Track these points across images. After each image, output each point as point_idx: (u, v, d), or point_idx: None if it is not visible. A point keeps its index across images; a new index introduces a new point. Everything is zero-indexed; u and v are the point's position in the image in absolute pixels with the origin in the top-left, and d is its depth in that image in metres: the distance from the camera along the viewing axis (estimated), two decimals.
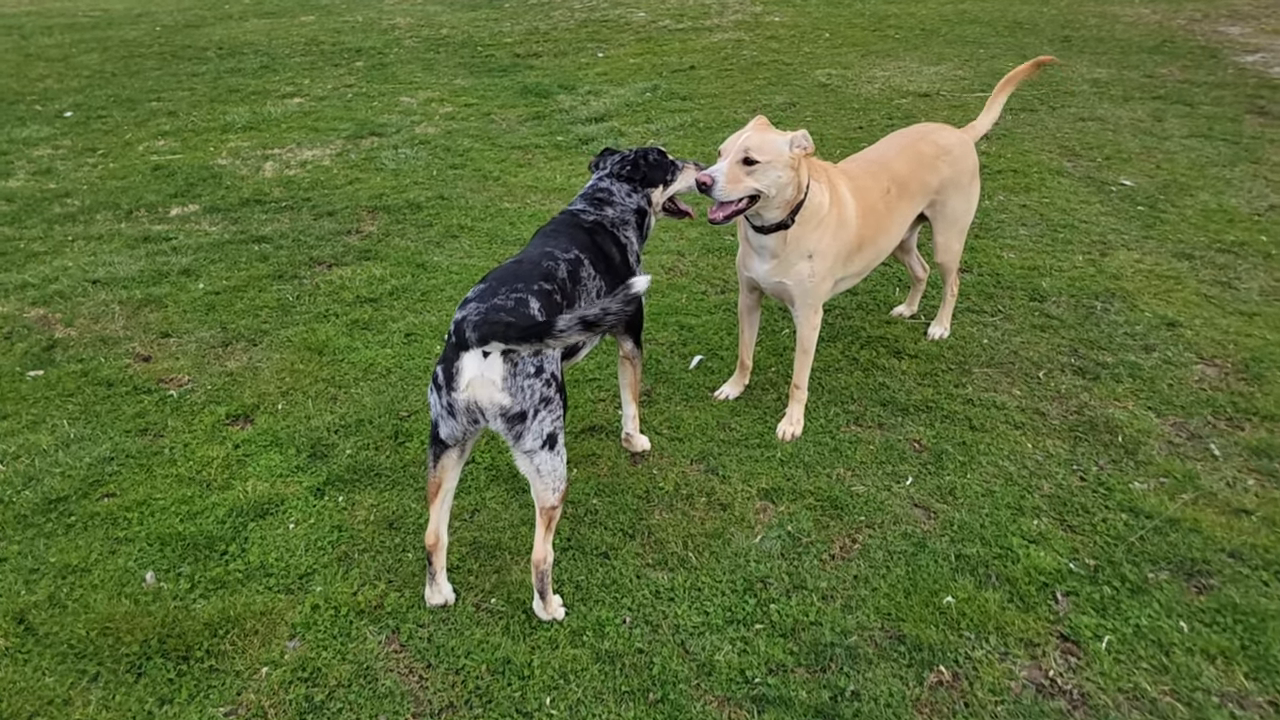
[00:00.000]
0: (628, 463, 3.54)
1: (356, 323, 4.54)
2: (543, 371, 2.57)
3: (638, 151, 3.37)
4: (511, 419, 2.55)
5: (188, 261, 5.18)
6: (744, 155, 3.21)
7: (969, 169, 3.92)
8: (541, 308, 2.65)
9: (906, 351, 4.18)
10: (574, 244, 3.03)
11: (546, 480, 2.66)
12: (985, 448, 3.54)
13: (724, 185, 3.20)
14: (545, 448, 2.62)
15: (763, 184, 3.23)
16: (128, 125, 7.90)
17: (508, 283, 2.69)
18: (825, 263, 3.48)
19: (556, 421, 2.63)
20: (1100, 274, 4.76)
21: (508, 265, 2.87)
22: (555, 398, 2.61)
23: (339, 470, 3.46)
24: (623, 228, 3.26)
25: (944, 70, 8.69)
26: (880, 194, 3.67)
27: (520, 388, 2.53)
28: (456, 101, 8.40)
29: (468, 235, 5.57)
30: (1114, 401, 3.79)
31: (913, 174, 3.78)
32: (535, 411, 2.56)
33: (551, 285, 2.77)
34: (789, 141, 3.25)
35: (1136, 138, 6.69)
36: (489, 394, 2.52)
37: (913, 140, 3.88)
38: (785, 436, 3.66)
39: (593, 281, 3.00)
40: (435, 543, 2.79)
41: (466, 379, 2.53)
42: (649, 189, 3.35)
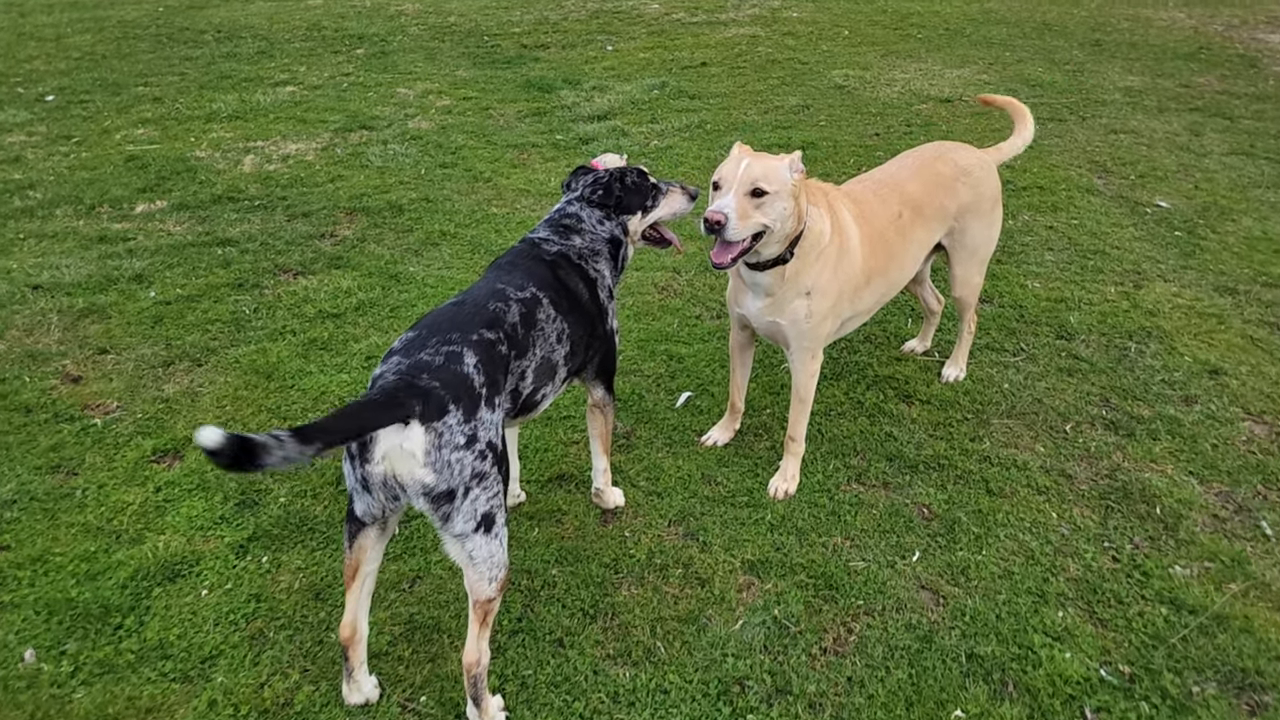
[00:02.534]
0: (597, 522, 3.08)
1: (314, 342, 4.09)
2: (475, 441, 2.11)
3: (614, 173, 2.88)
4: (437, 498, 2.09)
5: (142, 266, 4.74)
6: (753, 186, 2.73)
7: (990, 194, 3.42)
8: (480, 363, 2.19)
9: (917, 395, 3.68)
10: (532, 280, 2.56)
11: (481, 569, 2.20)
12: (1004, 517, 3.05)
13: (737, 223, 2.71)
14: (479, 531, 2.16)
15: (770, 218, 2.76)
16: (109, 111, 7.46)
17: (440, 332, 2.23)
18: (826, 301, 2.99)
19: (494, 499, 2.18)
20: (1134, 309, 4.24)
21: (446, 308, 2.41)
22: (491, 472, 2.15)
23: (268, 523, 3.02)
24: (592, 259, 2.78)
25: (967, 74, 8.12)
26: (890, 219, 3.17)
27: (446, 462, 2.07)
28: (455, 94, 7.90)
29: (449, 243, 5.10)
30: (1150, 464, 3.29)
31: (928, 196, 3.28)
32: (466, 489, 2.11)
33: (496, 334, 2.31)
34: (788, 166, 2.77)
35: (1172, 153, 6.13)
36: (409, 468, 2.07)
37: (928, 159, 3.37)
38: (778, 494, 3.18)
39: (552, 325, 2.54)
40: (351, 635, 2.34)
41: (382, 450, 2.07)
42: (626, 216, 2.88)
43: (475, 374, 2.15)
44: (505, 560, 2.25)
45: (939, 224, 3.33)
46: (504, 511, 2.23)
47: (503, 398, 2.27)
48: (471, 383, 2.14)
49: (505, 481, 2.26)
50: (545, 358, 2.52)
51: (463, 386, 2.11)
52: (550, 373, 2.55)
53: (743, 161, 2.78)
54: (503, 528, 2.23)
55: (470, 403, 2.12)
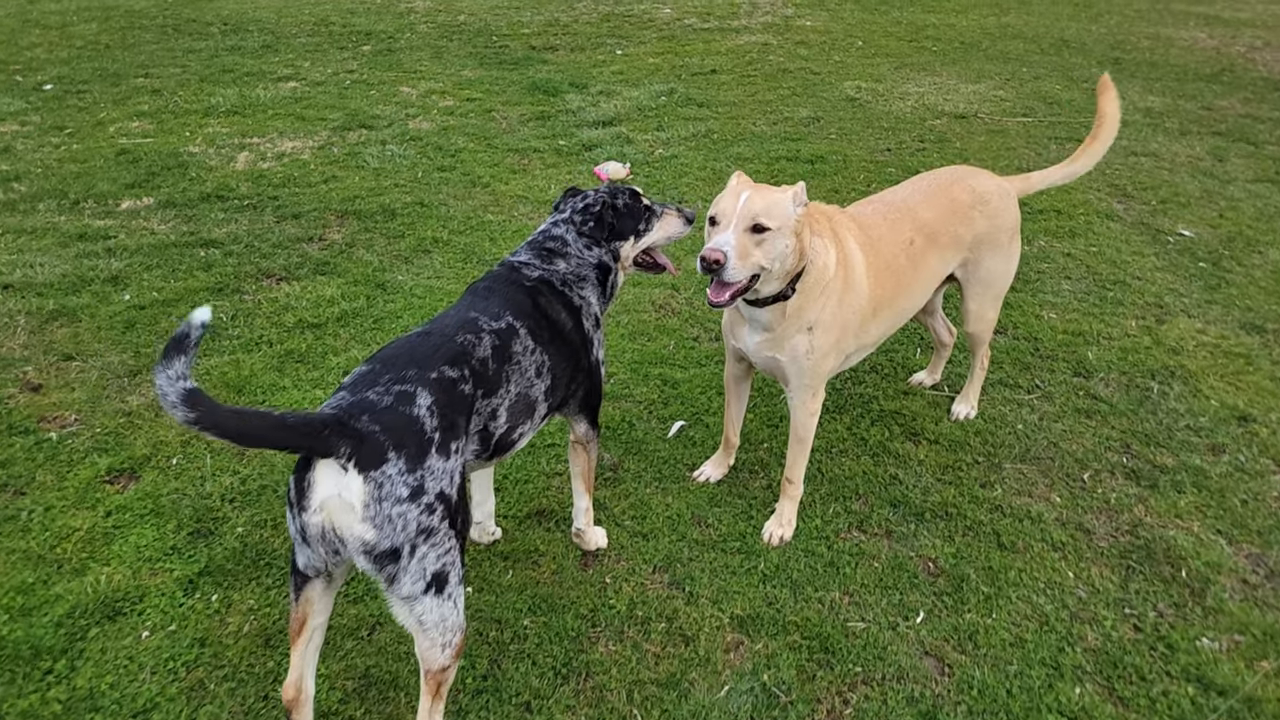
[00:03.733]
0: (576, 565, 2.83)
1: (291, 354, 3.84)
2: (421, 493, 1.86)
3: (604, 197, 2.62)
4: (379, 557, 1.85)
5: (119, 266, 4.50)
6: (753, 221, 2.47)
7: (1009, 225, 3.15)
8: (434, 405, 1.94)
9: (925, 434, 3.42)
10: (509, 308, 2.32)
11: (432, 635, 1.96)
12: (1016, 575, 2.78)
13: (736, 262, 2.45)
14: (430, 592, 1.92)
15: (770, 256, 2.50)
16: (105, 103, 7.23)
17: (396, 367, 1.99)
18: (829, 336, 2.73)
19: (446, 556, 1.93)
20: (1157, 346, 3.97)
21: (410, 337, 2.16)
22: (441, 527, 1.90)
23: (221, 556, 2.77)
24: (578, 285, 2.53)
25: (983, 89, 7.84)
26: (901, 246, 2.90)
27: (387, 517, 1.83)
28: (459, 95, 7.66)
29: (441, 250, 4.85)
30: (1175, 520, 3.02)
31: (942, 223, 3.01)
32: (412, 548, 1.86)
33: (460, 370, 2.06)
34: (792, 199, 2.51)
35: (1195, 179, 5.85)
36: (347, 522, 1.83)
37: (944, 184, 3.10)
38: (773, 540, 2.93)
39: (530, 357, 2.29)
40: (296, 697, 2.09)
41: (319, 498, 1.83)
42: (618, 242, 2.62)
43: (427, 417, 1.91)
44: (460, 623, 2.00)
45: (953, 253, 3.07)
46: (459, 569, 1.98)
47: (464, 441, 2.03)
48: (421, 427, 1.90)
49: (464, 534, 2.01)
50: (522, 394, 2.28)
51: (408, 431, 1.87)
52: (528, 410, 2.31)
53: (743, 195, 2.51)
54: (458, 587, 1.98)
55: (417, 449, 1.87)
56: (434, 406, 1.94)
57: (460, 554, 1.98)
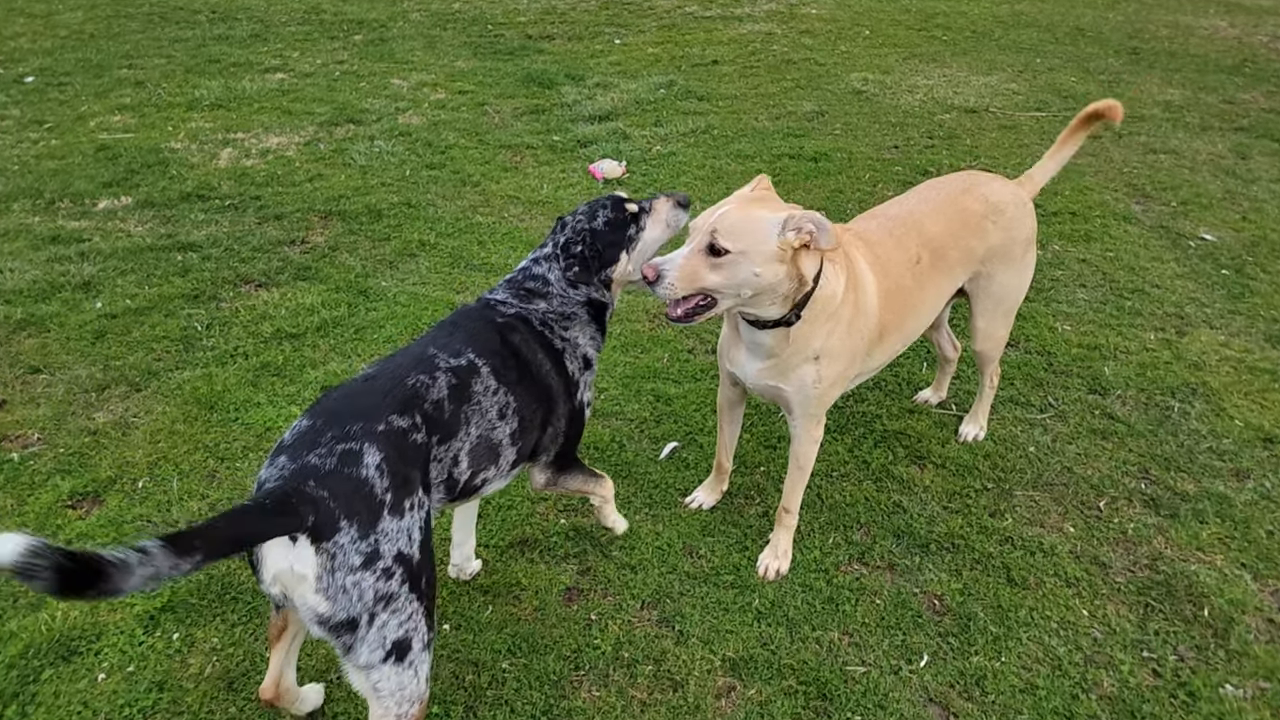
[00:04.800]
0: (560, 599, 2.71)
1: (267, 367, 3.72)
2: (377, 559, 1.74)
3: (583, 225, 2.42)
4: (335, 628, 1.74)
5: (92, 272, 4.38)
6: (712, 242, 2.26)
7: (1025, 236, 2.97)
8: (385, 462, 1.81)
9: (931, 457, 3.28)
10: (473, 345, 2.17)
11: (386, 703, 1.84)
12: (1027, 614, 2.65)
13: (674, 281, 2.26)
14: (389, 661, 1.80)
15: (730, 281, 2.28)
16: (87, 95, 7.09)
17: (339, 422, 1.84)
18: (836, 365, 2.58)
19: (409, 622, 1.81)
20: (1177, 360, 3.82)
21: (356, 382, 2.03)
22: (401, 591, 1.78)
23: (185, 590, 2.65)
24: (561, 325, 2.37)
25: (995, 82, 7.65)
26: (907, 265, 2.75)
27: (341, 588, 1.71)
28: (451, 87, 7.50)
29: (428, 254, 4.72)
30: (1197, 553, 2.88)
31: (952, 238, 2.84)
32: (370, 616, 1.75)
33: (411, 418, 1.93)
34: (779, 224, 2.27)
35: (1217, 178, 5.67)
36: (301, 593, 1.72)
37: (954, 193, 2.92)
38: (768, 573, 2.80)
39: (492, 398, 2.14)
40: (275, 695, 2.10)
41: (272, 572, 1.72)
42: (608, 269, 2.43)
43: (376, 478, 1.78)
44: (420, 693, 1.88)
45: (963, 269, 2.91)
46: (425, 633, 1.86)
47: (420, 496, 1.90)
48: (370, 489, 1.77)
49: (430, 593, 1.90)
50: (483, 437, 2.14)
51: (358, 496, 1.75)
52: (491, 454, 2.17)
53: (720, 209, 2.32)
54: (422, 653, 1.86)
55: (369, 514, 1.75)
56: (383, 465, 1.80)
57: (426, 616, 1.86)
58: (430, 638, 1.89)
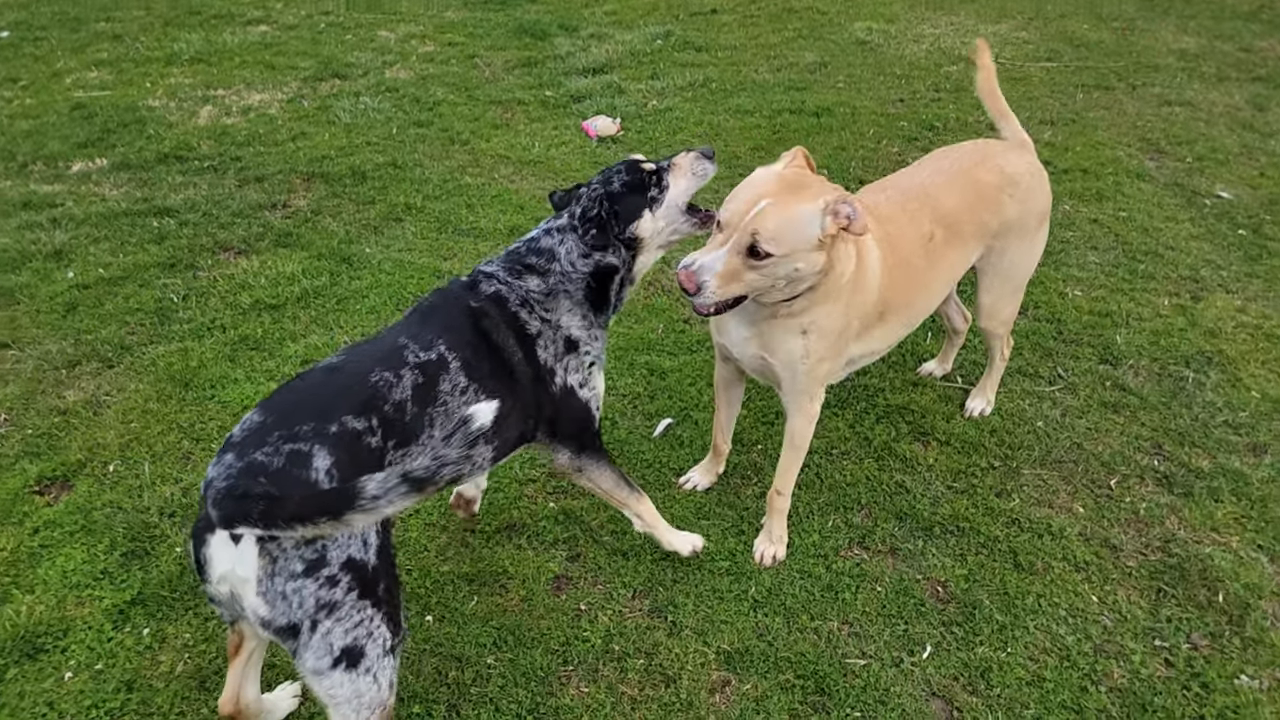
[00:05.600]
0: (548, 589, 2.57)
1: (245, 340, 3.53)
2: (322, 566, 1.62)
3: (598, 191, 2.22)
4: (279, 632, 1.64)
5: (65, 239, 4.16)
6: (753, 244, 2.09)
7: (1040, 209, 2.75)
8: (334, 467, 1.67)
9: (935, 433, 3.11)
10: (445, 336, 2.00)
11: (344, 710, 1.73)
12: (1034, 601, 2.51)
13: (715, 288, 2.11)
14: (339, 667, 1.69)
15: (769, 280, 2.14)
16: (63, 51, 6.76)
17: (291, 418, 1.70)
18: (826, 341, 2.40)
19: (359, 629, 1.69)
20: (1192, 327, 3.62)
21: (315, 374, 1.88)
22: (347, 599, 1.66)
23: (156, 582, 2.51)
24: (543, 305, 2.18)
25: (1004, 30, 7.28)
26: (919, 242, 2.54)
27: (280, 594, 1.61)
28: (440, 39, 7.15)
29: (414, 218, 4.49)
30: (1211, 534, 2.73)
31: (967, 212, 2.62)
32: (312, 624, 1.64)
33: (368, 420, 1.77)
34: (818, 214, 2.09)
35: (1234, 132, 5.39)
36: (245, 594, 1.62)
37: (969, 164, 2.68)
38: (765, 560, 2.65)
39: (459, 397, 1.97)
40: (234, 712, 1.99)
41: (219, 571, 1.61)
42: (632, 226, 2.22)
43: (325, 482, 1.65)
44: (381, 699, 1.76)
45: (976, 244, 2.69)
46: (382, 640, 1.73)
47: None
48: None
49: (391, 600, 1.76)
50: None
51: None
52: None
53: (760, 204, 2.10)
54: (381, 659, 1.73)
55: None
56: (334, 469, 1.67)
57: (386, 622, 1.73)
58: (394, 643, 1.77)
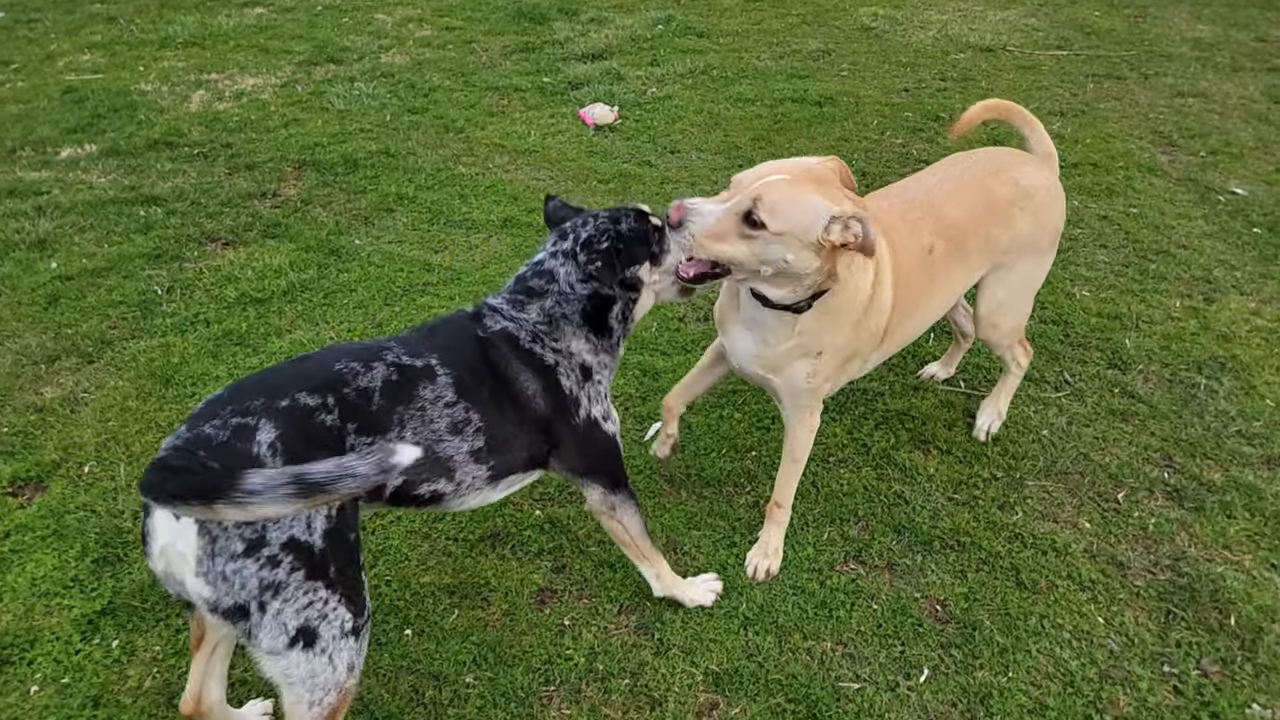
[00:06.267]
0: (531, 602, 2.45)
1: (229, 335, 3.40)
2: (262, 545, 1.56)
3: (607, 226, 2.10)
4: (226, 614, 1.59)
5: (49, 228, 4.03)
6: (748, 208, 1.96)
7: (1053, 227, 2.56)
8: (281, 440, 1.61)
9: (936, 441, 2.98)
10: (441, 354, 1.93)
11: (298, 690, 1.66)
12: (1037, 623, 2.39)
13: (698, 233, 1.98)
14: (295, 647, 1.62)
15: (754, 257, 1.99)
16: (57, 33, 6.60)
17: (245, 396, 1.67)
18: (835, 362, 2.26)
19: (309, 610, 1.63)
20: (1204, 331, 3.47)
21: (285, 362, 1.89)
22: (292, 580, 1.59)
23: (127, 590, 2.40)
24: (551, 335, 2.06)
25: (1013, 16, 7.05)
26: (918, 255, 2.37)
27: (220, 574, 1.55)
28: (438, 23, 6.96)
29: (405, 209, 4.34)
30: (1223, 551, 2.60)
31: (974, 224, 2.44)
32: (260, 604, 1.57)
33: (323, 398, 1.71)
34: (829, 215, 1.94)
35: (1249, 125, 5.19)
36: (184, 574, 1.57)
37: (981, 174, 2.49)
38: (757, 574, 2.53)
39: (442, 409, 1.87)
40: (195, 710, 1.92)
41: (159, 545, 1.60)
42: (632, 268, 2.11)
43: (267, 456, 1.59)
44: (338, 681, 1.68)
45: (981, 260, 2.51)
46: (341, 621, 1.67)
47: None
48: (260, 467, 1.58)
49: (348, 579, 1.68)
50: (426, 448, 1.87)
51: None
52: (440, 469, 1.91)
53: (772, 176, 1.98)
54: (339, 641, 1.67)
55: None
56: (278, 442, 1.61)
57: (343, 603, 1.66)
58: (356, 624, 1.70)
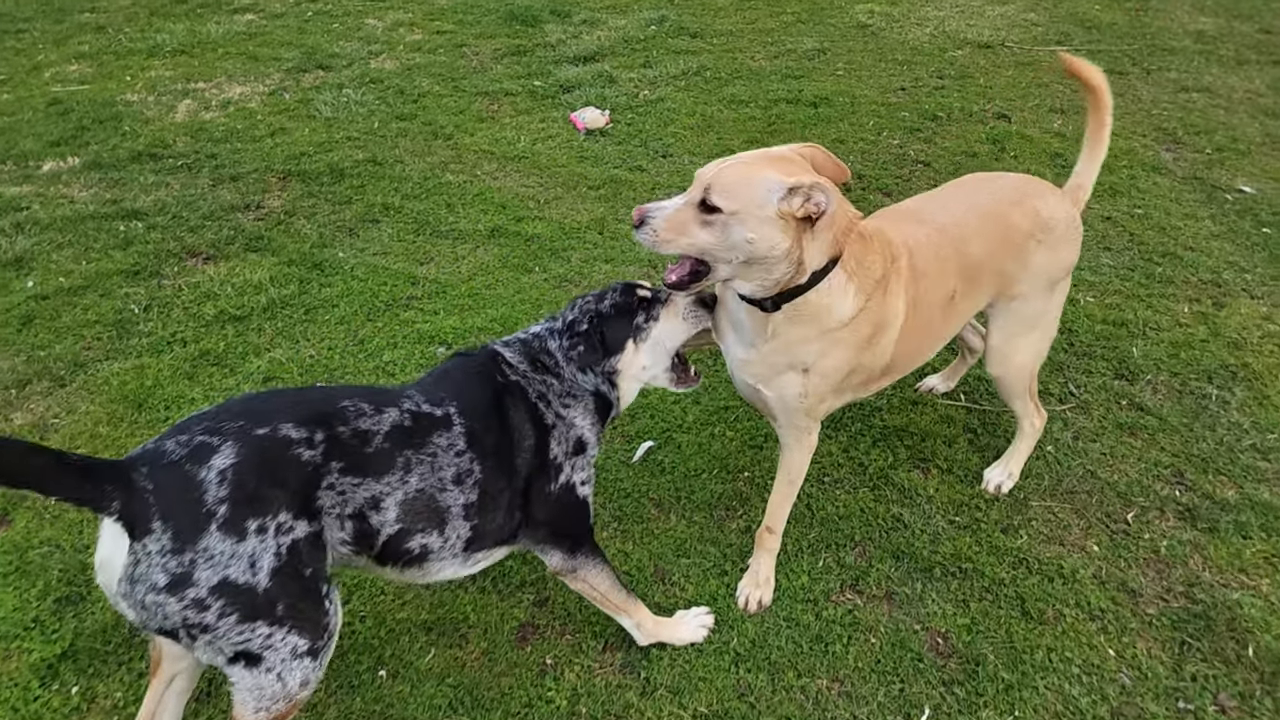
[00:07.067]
0: (512, 640, 2.31)
1: (206, 356, 3.27)
2: (187, 584, 1.45)
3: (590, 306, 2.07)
4: (160, 634, 1.52)
5: (27, 245, 3.90)
6: (703, 195, 1.88)
7: (1066, 262, 2.39)
8: (234, 467, 1.50)
9: (936, 459, 2.82)
10: (459, 400, 1.85)
11: (244, 697, 1.60)
12: (1044, 656, 2.24)
13: (658, 229, 1.90)
14: (236, 664, 1.56)
15: (720, 244, 1.89)
16: (45, 43, 6.47)
17: (228, 415, 1.58)
18: (827, 383, 2.11)
19: (250, 642, 1.53)
20: (1214, 338, 3.30)
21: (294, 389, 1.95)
22: (221, 625, 1.49)
23: (90, 631, 2.27)
24: (561, 401, 1.99)
25: (1011, 12, 6.87)
26: (940, 303, 2.23)
27: (141, 603, 1.46)
28: (429, 27, 6.80)
29: (391, 219, 4.20)
30: (1239, 575, 2.45)
31: (989, 258, 2.28)
32: (188, 634, 1.49)
33: (310, 432, 1.61)
34: (781, 188, 1.84)
35: (1256, 120, 5.01)
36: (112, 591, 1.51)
37: (1003, 206, 2.32)
38: (749, 605, 2.38)
39: (452, 459, 1.78)
40: None
41: (99, 557, 1.54)
42: (612, 359, 2.04)
43: (214, 483, 1.48)
44: (290, 693, 1.61)
45: (988, 293, 2.36)
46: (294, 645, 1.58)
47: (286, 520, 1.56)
48: (200, 494, 1.47)
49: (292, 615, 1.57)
50: (428, 495, 1.77)
51: (182, 498, 1.46)
52: (435, 519, 1.80)
53: (727, 161, 1.93)
54: (290, 661, 1.58)
55: (189, 524, 1.46)
56: (230, 470, 1.49)
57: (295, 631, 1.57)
58: (314, 646, 1.60)
